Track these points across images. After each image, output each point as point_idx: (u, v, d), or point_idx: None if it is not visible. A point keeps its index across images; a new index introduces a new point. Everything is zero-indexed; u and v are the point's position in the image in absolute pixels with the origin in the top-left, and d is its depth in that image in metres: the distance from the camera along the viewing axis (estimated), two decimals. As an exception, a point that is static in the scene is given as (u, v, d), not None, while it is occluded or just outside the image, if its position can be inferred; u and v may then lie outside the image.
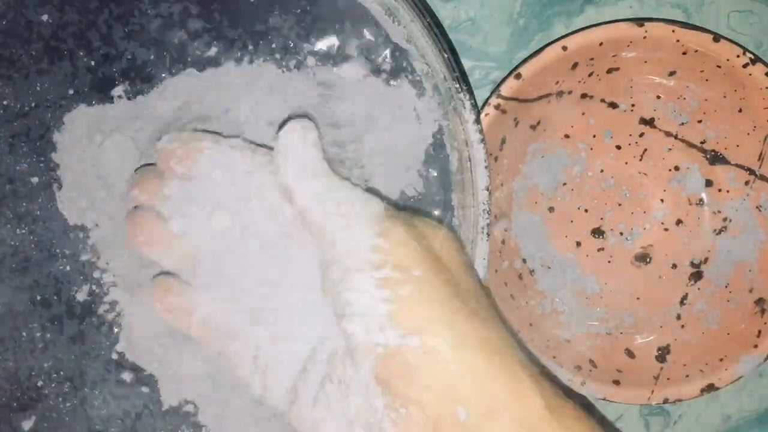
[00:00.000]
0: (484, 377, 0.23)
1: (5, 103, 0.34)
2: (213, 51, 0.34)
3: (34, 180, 0.34)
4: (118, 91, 0.34)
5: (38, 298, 0.34)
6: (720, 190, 0.41)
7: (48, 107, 0.34)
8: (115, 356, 0.35)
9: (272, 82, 0.34)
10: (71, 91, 0.34)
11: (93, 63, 0.34)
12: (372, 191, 0.30)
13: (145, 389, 0.35)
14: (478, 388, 0.23)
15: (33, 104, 0.34)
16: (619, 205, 0.42)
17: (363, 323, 0.24)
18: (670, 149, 0.41)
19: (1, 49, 0.33)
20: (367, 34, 0.34)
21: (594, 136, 0.41)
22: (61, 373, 0.34)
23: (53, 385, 0.35)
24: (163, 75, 0.34)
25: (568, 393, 0.29)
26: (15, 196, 0.34)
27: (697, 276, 0.42)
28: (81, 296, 0.34)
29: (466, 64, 0.41)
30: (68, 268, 0.34)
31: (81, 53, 0.34)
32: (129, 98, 0.34)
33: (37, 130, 0.34)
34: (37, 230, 0.34)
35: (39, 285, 0.34)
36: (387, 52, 0.34)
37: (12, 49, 0.34)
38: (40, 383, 0.34)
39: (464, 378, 0.23)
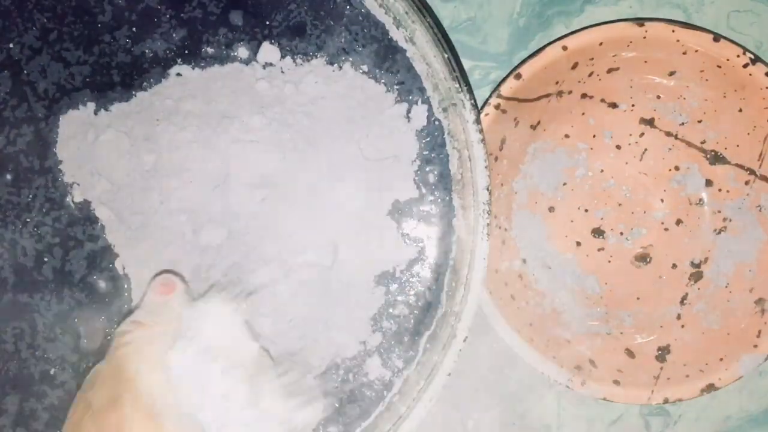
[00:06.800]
0: None
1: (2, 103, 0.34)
2: (209, 50, 0.34)
3: (37, 176, 0.34)
4: (113, 87, 0.34)
5: (52, 291, 0.35)
6: (720, 190, 0.41)
7: (43, 105, 0.34)
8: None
9: (266, 82, 0.34)
10: (66, 91, 0.34)
11: (87, 61, 0.34)
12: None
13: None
14: None
15: (28, 103, 0.34)
16: (619, 205, 0.42)
17: None
18: (670, 149, 0.41)
19: None
20: (367, 34, 0.34)
21: (594, 136, 0.41)
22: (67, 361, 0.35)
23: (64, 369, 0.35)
24: (157, 72, 0.34)
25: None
26: (20, 189, 0.34)
27: (697, 276, 0.42)
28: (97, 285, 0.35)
29: (466, 64, 0.41)
30: (76, 262, 0.35)
31: (76, 51, 0.34)
32: (121, 99, 0.34)
33: (34, 129, 0.34)
34: (42, 226, 0.34)
35: (51, 277, 0.35)
36: (386, 52, 0.34)
37: (7, 43, 0.34)
38: (52, 371, 0.35)
39: None
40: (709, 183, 0.41)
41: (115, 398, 0.27)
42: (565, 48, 0.36)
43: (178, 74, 0.34)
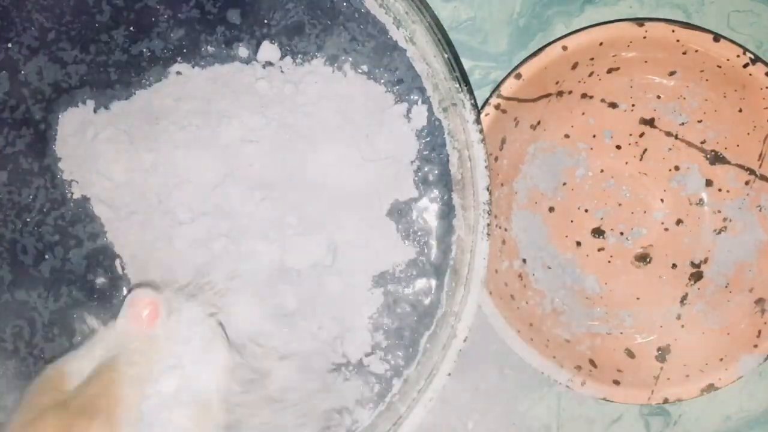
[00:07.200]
0: None
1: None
2: (209, 48, 0.34)
3: (36, 174, 0.34)
4: (112, 86, 0.34)
5: (50, 289, 0.35)
6: (720, 190, 0.41)
7: (41, 105, 0.34)
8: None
9: (266, 81, 0.34)
10: (63, 90, 0.34)
11: (83, 60, 0.34)
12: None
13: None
14: None
15: (27, 101, 0.34)
16: (619, 205, 0.42)
17: None
18: (670, 149, 0.41)
19: None
20: (366, 34, 0.34)
21: (594, 136, 0.41)
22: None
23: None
24: (157, 71, 0.34)
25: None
26: (19, 187, 0.34)
27: (697, 276, 0.42)
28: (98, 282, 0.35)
29: (466, 64, 0.41)
30: (76, 260, 0.35)
31: (73, 51, 0.34)
32: (121, 98, 0.34)
33: (33, 127, 0.34)
34: (42, 225, 0.34)
35: (50, 276, 0.35)
36: (386, 52, 0.34)
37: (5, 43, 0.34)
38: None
39: None
40: (709, 183, 0.41)
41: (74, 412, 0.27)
42: (565, 48, 0.36)
43: (178, 73, 0.34)
